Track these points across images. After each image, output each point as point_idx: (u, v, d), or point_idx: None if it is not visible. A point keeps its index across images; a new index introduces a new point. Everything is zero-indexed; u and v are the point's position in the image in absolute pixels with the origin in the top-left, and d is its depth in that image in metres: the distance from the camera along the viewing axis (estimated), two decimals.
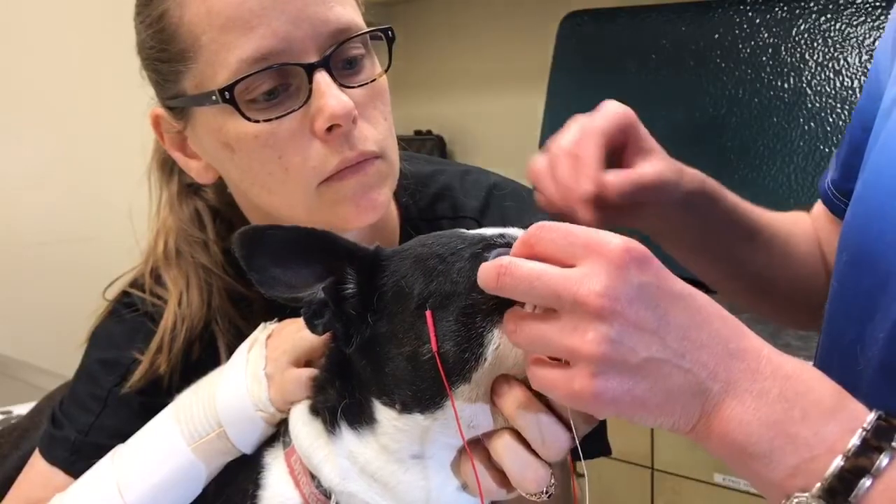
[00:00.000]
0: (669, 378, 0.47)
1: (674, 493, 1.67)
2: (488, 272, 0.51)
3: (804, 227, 0.88)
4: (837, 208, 0.80)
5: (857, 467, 0.44)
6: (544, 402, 0.55)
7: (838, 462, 0.44)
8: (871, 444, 0.44)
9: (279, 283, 0.58)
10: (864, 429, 0.45)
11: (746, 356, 0.49)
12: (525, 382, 0.55)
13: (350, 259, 0.59)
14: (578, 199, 0.65)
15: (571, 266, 0.49)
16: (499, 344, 0.54)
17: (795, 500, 0.45)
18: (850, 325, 0.62)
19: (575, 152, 0.64)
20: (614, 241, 0.48)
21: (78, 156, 2.24)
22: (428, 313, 0.55)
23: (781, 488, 0.46)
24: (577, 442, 0.55)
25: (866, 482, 0.43)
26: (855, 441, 0.44)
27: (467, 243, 0.57)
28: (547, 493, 0.56)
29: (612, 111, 0.65)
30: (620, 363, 0.47)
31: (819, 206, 0.87)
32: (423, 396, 0.56)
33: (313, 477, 0.63)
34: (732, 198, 0.76)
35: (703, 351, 0.48)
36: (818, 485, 0.44)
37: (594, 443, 0.55)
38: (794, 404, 0.47)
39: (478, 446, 0.58)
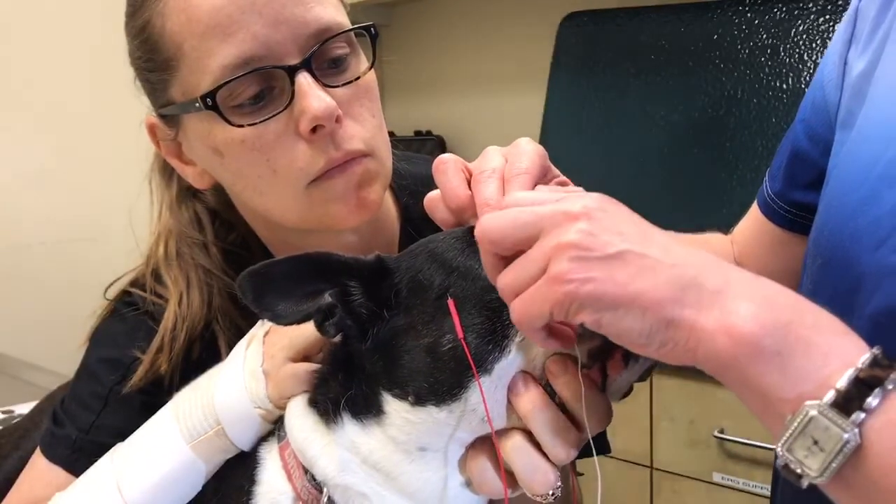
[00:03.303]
0: (655, 270, 0.46)
1: (673, 492, 1.67)
2: (478, 228, 0.52)
3: (714, 247, 0.89)
4: (782, 218, 0.81)
5: (873, 377, 0.42)
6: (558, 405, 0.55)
7: (853, 371, 0.42)
8: (883, 363, 0.43)
9: (291, 313, 0.59)
10: (873, 352, 0.43)
11: (741, 269, 0.48)
12: (542, 384, 0.56)
13: (349, 273, 0.60)
14: None
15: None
16: (524, 336, 0.54)
17: (806, 409, 0.42)
18: None
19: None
20: (593, 193, 0.50)
21: (78, 156, 2.25)
22: (450, 302, 0.56)
23: (787, 401, 0.44)
24: (591, 441, 0.56)
25: (879, 394, 0.42)
26: (867, 357, 0.43)
27: None
28: (553, 494, 0.56)
29: (532, 151, 0.61)
30: (599, 249, 0.46)
31: (753, 219, 0.87)
32: (439, 388, 0.56)
33: (306, 471, 0.63)
34: None
35: (692, 256, 0.47)
36: (831, 392, 0.42)
37: (595, 442, 0.56)
38: (805, 312, 0.45)
39: (485, 444, 0.59)
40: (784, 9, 1.76)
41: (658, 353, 0.46)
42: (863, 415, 0.41)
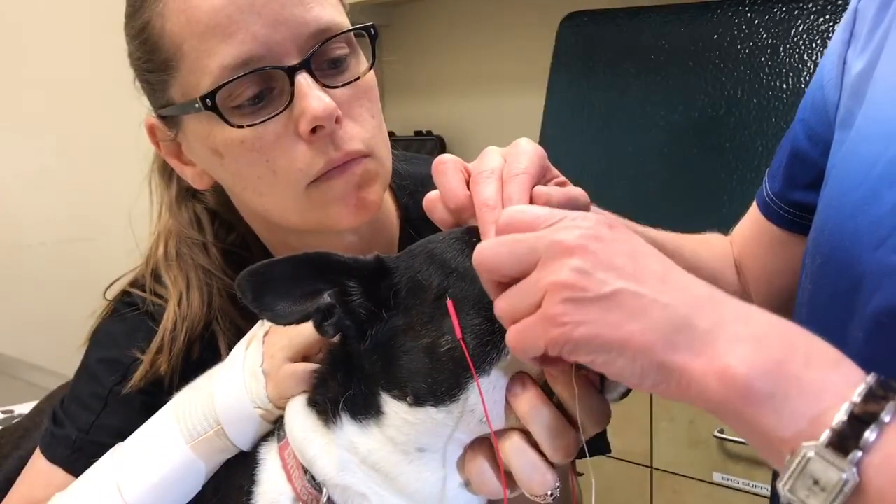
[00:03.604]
0: (647, 311, 0.46)
1: (672, 491, 1.68)
2: (475, 256, 0.52)
3: (714, 247, 0.89)
4: (781, 218, 0.81)
5: (867, 413, 0.42)
6: (556, 405, 0.55)
7: (847, 407, 0.42)
8: (878, 394, 0.43)
9: (290, 313, 0.59)
10: (867, 382, 0.43)
11: (736, 305, 0.47)
12: (540, 384, 0.56)
13: (348, 273, 0.60)
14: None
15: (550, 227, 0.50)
16: None
17: (803, 450, 0.42)
18: (830, 327, 0.62)
19: (509, 195, 0.58)
20: (585, 213, 0.51)
21: (78, 156, 2.25)
22: (449, 302, 0.56)
23: (785, 441, 0.43)
24: (584, 443, 0.55)
25: (875, 430, 0.41)
26: (861, 389, 0.43)
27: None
28: (552, 495, 0.56)
29: (532, 151, 0.61)
30: (593, 289, 0.46)
31: (752, 220, 0.87)
32: (438, 389, 0.56)
33: (306, 471, 0.63)
34: (632, 227, 0.75)
35: (685, 292, 0.47)
36: (827, 432, 0.42)
37: (594, 441, 0.56)
38: (797, 348, 0.45)
39: (483, 445, 0.59)
40: (784, 9, 1.76)
41: (652, 390, 0.47)
42: (860, 453, 0.41)
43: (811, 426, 0.43)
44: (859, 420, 0.42)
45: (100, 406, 0.80)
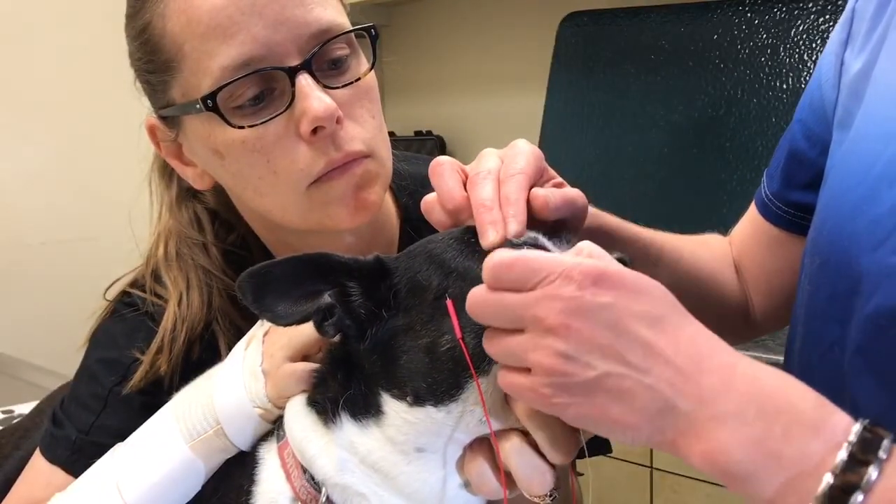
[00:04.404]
0: (631, 394, 0.48)
1: (672, 491, 1.68)
2: (467, 303, 0.54)
3: (713, 248, 0.90)
4: (779, 218, 0.82)
5: (848, 483, 0.43)
6: None
7: (828, 480, 0.43)
8: (859, 459, 0.43)
9: (290, 314, 0.59)
10: (850, 442, 0.44)
11: (719, 371, 0.48)
12: None
13: (348, 273, 0.60)
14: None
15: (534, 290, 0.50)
16: None
17: None
18: (829, 327, 0.63)
19: (506, 196, 0.59)
20: (571, 264, 0.50)
21: (78, 156, 2.24)
22: (449, 302, 0.56)
23: None
24: (584, 443, 0.55)
25: (858, 497, 0.42)
26: (842, 457, 0.43)
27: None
28: (551, 495, 0.57)
29: (529, 152, 0.61)
30: (577, 375, 0.48)
31: (751, 220, 0.88)
32: (438, 388, 0.56)
33: (305, 470, 0.63)
34: (631, 228, 0.76)
35: (669, 367, 0.48)
36: None
37: (595, 441, 0.56)
38: (774, 422, 0.46)
39: (483, 445, 0.59)
40: (784, 9, 1.75)
41: (640, 444, 0.50)
42: None
43: (795, 497, 0.44)
44: (841, 490, 0.43)
45: (100, 406, 0.80)
